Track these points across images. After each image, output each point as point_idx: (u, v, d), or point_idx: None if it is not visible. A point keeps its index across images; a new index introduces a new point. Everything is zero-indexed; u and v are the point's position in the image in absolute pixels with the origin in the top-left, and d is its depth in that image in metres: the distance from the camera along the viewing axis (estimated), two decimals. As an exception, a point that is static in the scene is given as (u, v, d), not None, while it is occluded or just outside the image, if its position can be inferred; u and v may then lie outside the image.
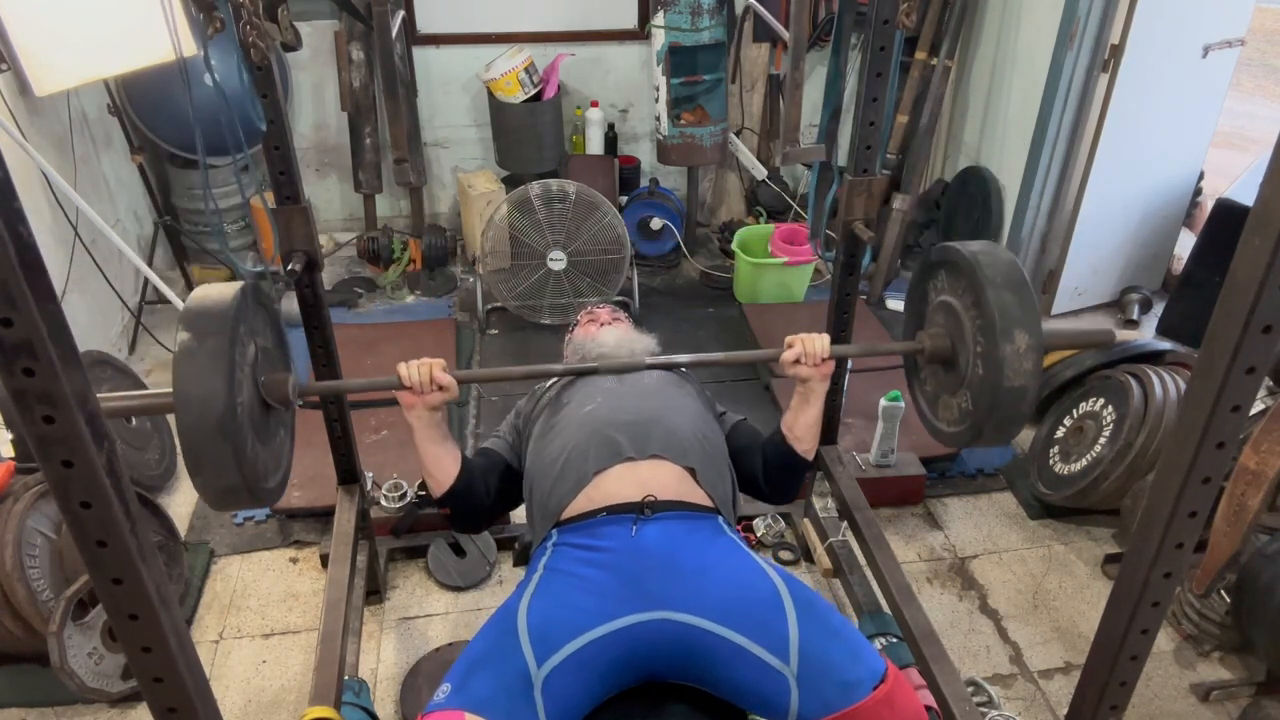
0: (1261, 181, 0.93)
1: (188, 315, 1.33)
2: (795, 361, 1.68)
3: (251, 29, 1.66)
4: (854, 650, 1.40)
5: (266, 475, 1.45)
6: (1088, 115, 3.45)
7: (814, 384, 1.71)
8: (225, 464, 1.29)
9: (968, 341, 1.60)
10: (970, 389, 1.61)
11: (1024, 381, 1.48)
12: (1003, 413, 1.52)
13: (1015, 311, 1.49)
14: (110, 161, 3.60)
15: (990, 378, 1.52)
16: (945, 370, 1.71)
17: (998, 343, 1.48)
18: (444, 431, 1.69)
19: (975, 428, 1.60)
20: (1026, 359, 1.47)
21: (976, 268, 1.55)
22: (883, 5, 1.90)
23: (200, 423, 1.26)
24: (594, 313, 2.15)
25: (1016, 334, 1.47)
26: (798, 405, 1.75)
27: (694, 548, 1.48)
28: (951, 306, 1.65)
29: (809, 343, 1.67)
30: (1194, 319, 3.47)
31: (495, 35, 4.07)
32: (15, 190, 0.75)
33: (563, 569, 1.48)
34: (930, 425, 1.80)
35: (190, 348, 1.29)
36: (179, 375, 1.28)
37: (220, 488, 1.32)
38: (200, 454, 1.27)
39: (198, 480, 1.31)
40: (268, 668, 2.29)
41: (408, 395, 1.62)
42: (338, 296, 3.91)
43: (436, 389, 1.61)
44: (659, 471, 1.58)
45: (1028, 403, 1.51)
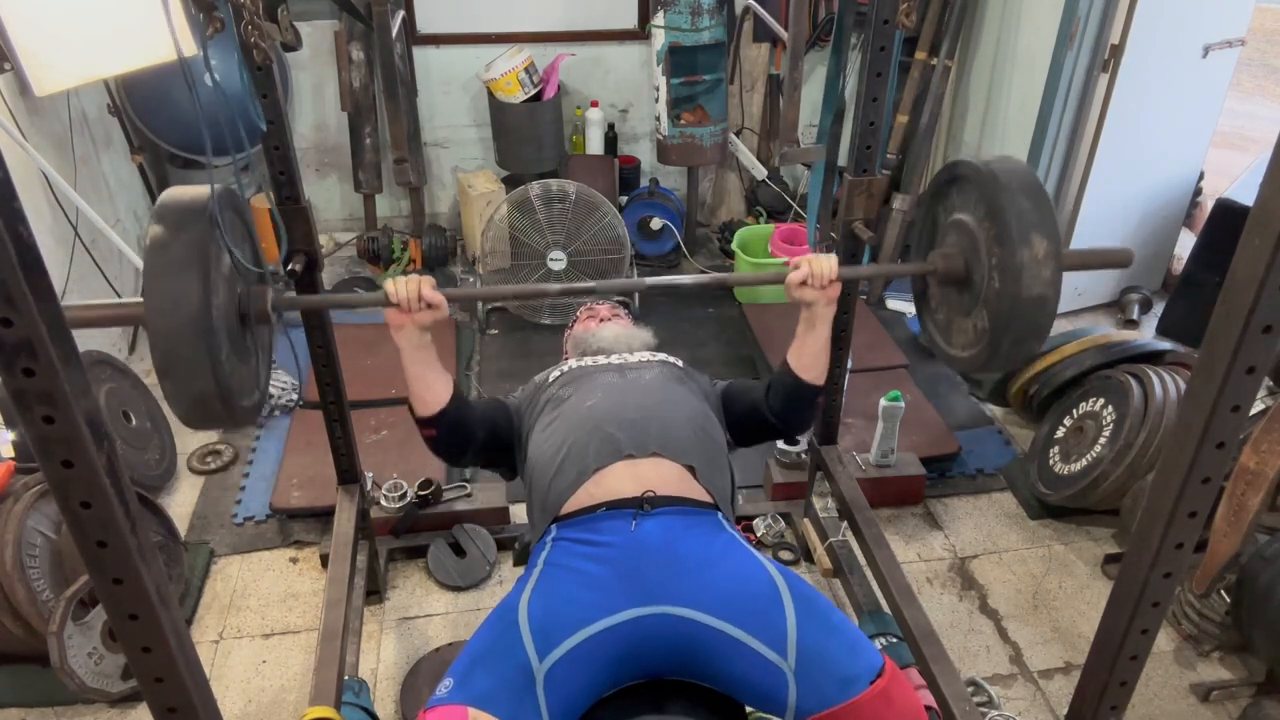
0: (1261, 182, 0.93)
1: (160, 210, 1.26)
2: (802, 283, 1.63)
3: (251, 29, 1.66)
4: (852, 645, 1.40)
5: (242, 391, 1.38)
6: (1088, 115, 3.45)
7: (819, 308, 1.66)
8: (199, 367, 1.21)
9: (982, 256, 1.52)
10: (987, 305, 1.53)
11: (1043, 290, 1.40)
12: (1022, 325, 1.44)
13: (1033, 216, 1.41)
14: (110, 161, 3.60)
15: (1008, 288, 1.44)
16: (958, 291, 1.63)
17: (1015, 249, 1.40)
18: (434, 353, 1.65)
19: (993, 345, 1.51)
20: (1045, 265, 1.39)
21: (991, 176, 1.48)
22: (883, 5, 1.90)
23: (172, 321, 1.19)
24: (593, 309, 2.15)
25: (1034, 239, 1.40)
26: (803, 331, 1.70)
27: (694, 542, 1.48)
28: (964, 224, 1.58)
29: (816, 263, 1.62)
30: (1194, 319, 3.47)
31: (495, 35, 4.07)
32: (15, 190, 0.75)
33: (563, 564, 1.49)
34: (943, 353, 1.71)
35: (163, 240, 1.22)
36: (150, 269, 1.21)
37: (193, 393, 1.24)
38: (172, 355, 1.20)
39: (168, 385, 1.23)
40: (268, 668, 2.29)
41: (395, 313, 1.57)
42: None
43: (425, 306, 1.57)
44: (659, 469, 1.58)
45: (1048, 313, 1.43)
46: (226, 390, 1.27)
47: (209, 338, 1.21)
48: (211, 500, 2.82)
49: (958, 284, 1.62)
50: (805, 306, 1.68)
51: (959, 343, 1.66)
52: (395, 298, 1.55)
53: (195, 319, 1.20)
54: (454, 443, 1.75)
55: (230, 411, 1.31)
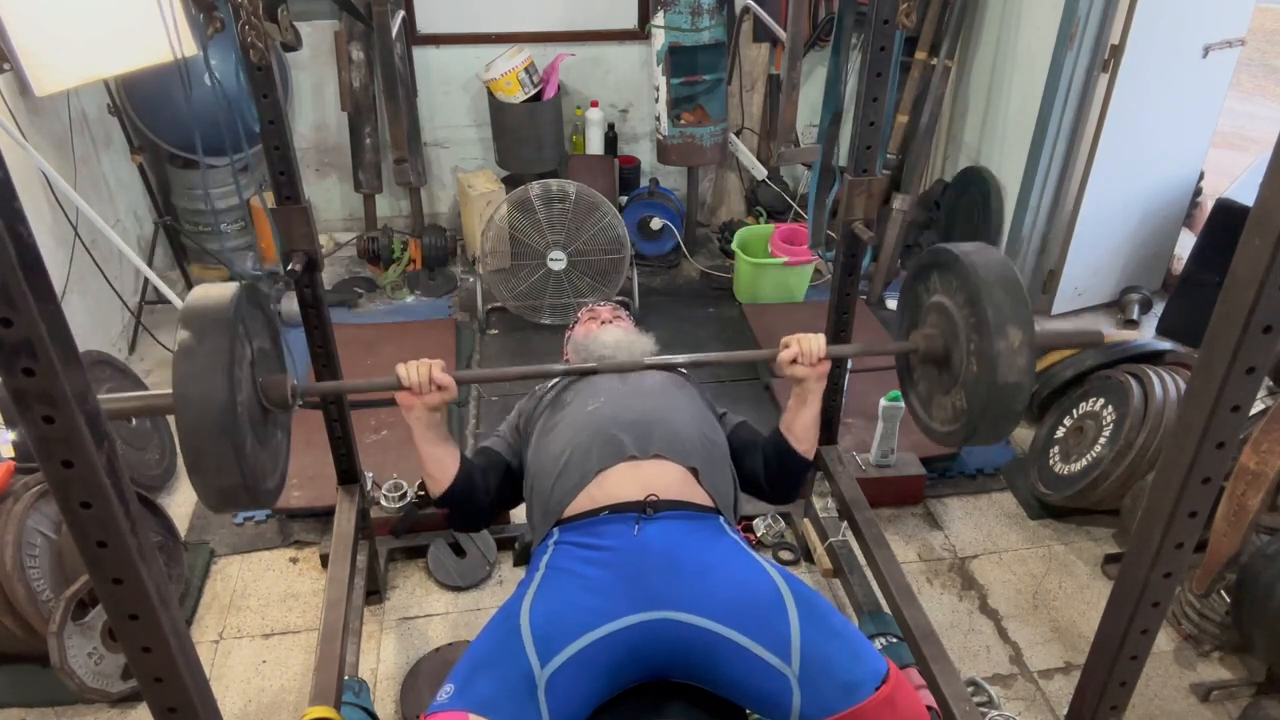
0: (1261, 182, 0.93)
1: (187, 315, 1.33)
2: (792, 361, 1.68)
3: (251, 29, 1.66)
4: (855, 651, 1.39)
5: (265, 476, 1.45)
6: (1088, 115, 3.45)
7: (810, 384, 1.71)
8: (225, 463, 1.29)
9: (961, 340, 1.60)
10: (964, 387, 1.61)
11: (1018, 378, 1.48)
12: (997, 410, 1.53)
13: (1008, 309, 1.49)
14: (110, 161, 3.60)
15: (984, 375, 1.52)
16: (939, 370, 1.71)
17: (991, 340, 1.48)
18: (443, 432, 1.69)
19: (970, 425, 1.60)
20: (1020, 355, 1.48)
21: (969, 267, 1.55)
22: (883, 5, 1.90)
23: (200, 421, 1.26)
24: (595, 310, 2.15)
25: (1010, 330, 1.48)
26: (795, 406, 1.75)
27: (696, 547, 1.48)
28: (944, 307, 1.66)
29: (805, 342, 1.67)
30: (1194, 319, 3.47)
31: (495, 35, 4.07)
32: (15, 190, 0.75)
33: (565, 568, 1.48)
34: (924, 426, 1.80)
35: (190, 347, 1.29)
36: (179, 374, 1.28)
37: (219, 487, 1.32)
38: (200, 453, 1.27)
39: (196, 480, 1.31)
40: (268, 668, 2.29)
41: (406, 396, 1.62)
42: (338, 296, 3.91)
43: (435, 389, 1.60)
44: (661, 471, 1.59)
45: (1021, 400, 1.51)
46: (251, 479, 1.34)
47: (234, 435, 1.28)
48: (211, 500, 2.82)
49: (938, 364, 1.70)
50: (796, 383, 1.72)
51: (939, 418, 1.75)
52: (407, 381, 1.60)
53: (221, 418, 1.27)
54: (468, 516, 1.82)
55: (254, 497, 1.37)
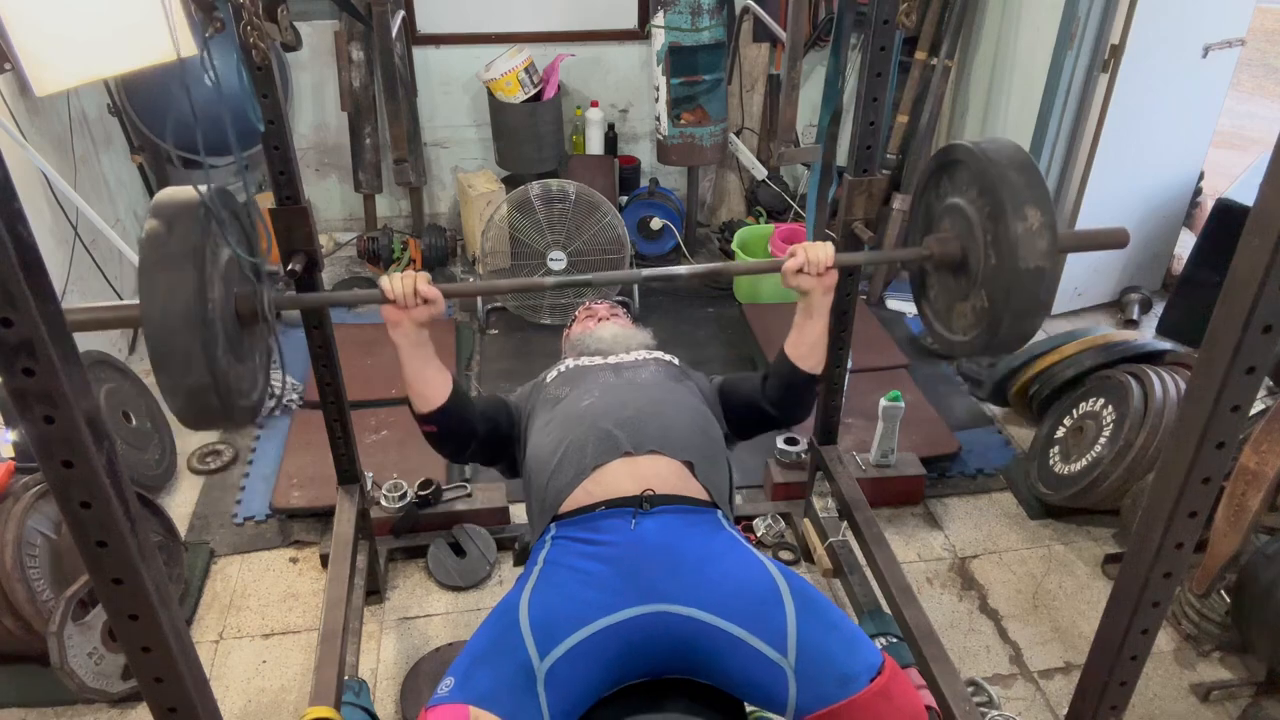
0: (1261, 181, 0.93)
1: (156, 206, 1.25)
2: (798, 271, 1.64)
3: (251, 29, 1.66)
4: (851, 643, 1.40)
5: (240, 391, 1.37)
6: (1088, 115, 3.45)
7: (816, 296, 1.67)
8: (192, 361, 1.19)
9: (977, 235, 1.52)
10: (984, 285, 1.53)
11: (1040, 261, 1.40)
12: (1021, 298, 1.43)
13: (1024, 190, 1.42)
14: (110, 161, 3.60)
15: (1005, 262, 1.43)
16: (955, 275, 1.62)
17: (1009, 223, 1.40)
18: (431, 350, 1.65)
19: (993, 323, 1.50)
20: (1041, 237, 1.39)
21: (980, 155, 1.48)
22: (882, 5, 1.90)
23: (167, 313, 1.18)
24: (592, 308, 2.15)
25: (1028, 211, 1.40)
26: (800, 320, 1.71)
27: (693, 541, 1.49)
28: (958, 207, 1.57)
29: (812, 250, 1.63)
30: (1194, 319, 3.47)
31: (495, 35, 4.07)
32: (15, 190, 0.75)
33: (563, 562, 1.49)
34: (944, 339, 1.70)
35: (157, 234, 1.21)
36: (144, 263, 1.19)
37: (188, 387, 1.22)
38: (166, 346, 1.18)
39: (163, 378, 1.21)
40: (268, 668, 2.29)
41: (393, 310, 1.57)
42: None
43: (421, 302, 1.56)
44: (657, 466, 1.59)
45: (1046, 287, 1.42)
46: (223, 386, 1.26)
47: (203, 330, 1.20)
48: (211, 500, 2.82)
49: (954, 268, 1.61)
50: (802, 295, 1.68)
51: (959, 327, 1.65)
52: (392, 294, 1.55)
53: (189, 311, 1.19)
54: (455, 439, 1.75)
55: (227, 408, 1.29)
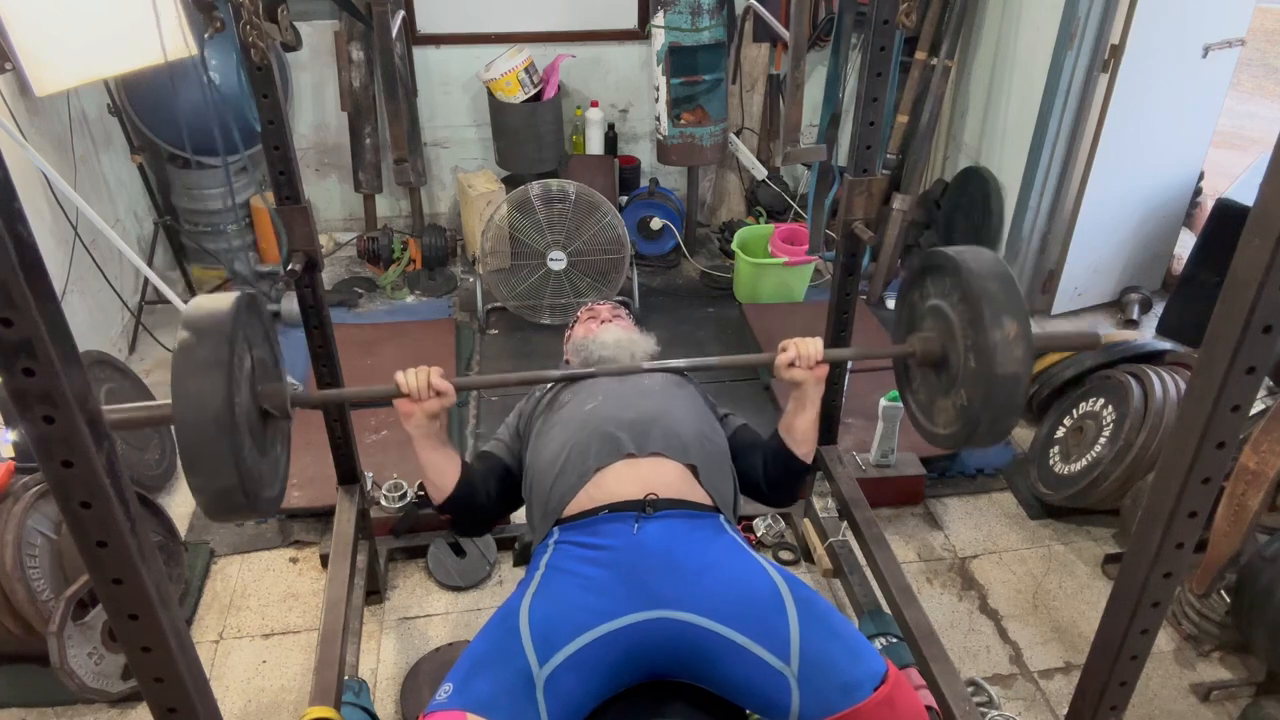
0: (1261, 181, 0.93)
1: (187, 322, 1.33)
2: (790, 365, 1.68)
3: (251, 29, 1.66)
4: (855, 651, 1.39)
5: (264, 485, 1.44)
6: (1088, 115, 3.45)
7: (809, 387, 1.71)
8: (222, 464, 1.28)
9: (957, 339, 1.61)
10: (964, 385, 1.61)
11: (1016, 368, 1.48)
12: (998, 403, 1.52)
13: (1001, 300, 1.50)
14: (110, 161, 3.60)
15: (982, 368, 1.52)
16: (937, 373, 1.71)
17: (986, 331, 1.49)
18: (443, 438, 1.69)
19: (971, 423, 1.60)
20: (1016, 345, 1.48)
21: (961, 265, 1.56)
22: (883, 5, 1.90)
23: (198, 422, 1.25)
24: (594, 310, 2.15)
25: (1005, 320, 1.49)
26: (794, 409, 1.75)
27: (696, 546, 1.48)
28: (940, 309, 1.66)
29: (803, 346, 1.67)
30: (1194, 319, 3.47)
31: (495, 35, 4.07)
32: (15, 190, 0.75)
33: (564, 567, 1.48)
34: (926, 432, 1.79)
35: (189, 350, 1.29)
36: (178, 376, 1.28)
37: (217, 489, 1.31)
38: (197, 453, 1.27)
39: (194, 481, 1.30)
40: (268, 668, 2.29)
41: (406, 403, 1.61)
42: (338, 296, 3.91)
43: (434, 395, 1.59)
44: (660, 469, 1.58)
45: (1020, 392, 1.51)
46: (249, 482, 1.33)
47: (231, 434, 1.27)
48: (211, 500, 2.82)
49: (936, 365, 1.69)
50: (795, 387, 1.72)
51: (941, 421, 1.74)
52: (406, 388, 1.59)
53: (219, 417, 1.26)
54: (471, 521, 1.83)
55: (252, 503, 1.36)
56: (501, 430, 1.95)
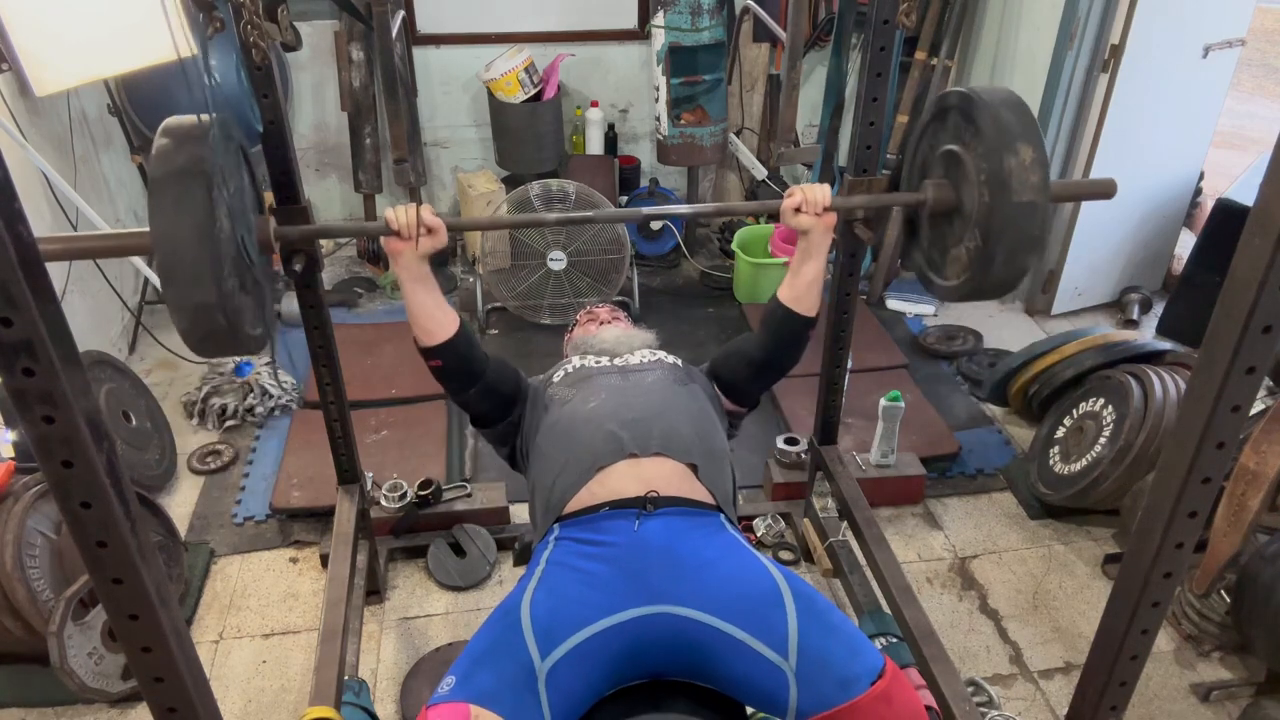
0: (1261, 182, 0.93)
1: (166, 126, 1.27)
2: (796, 210, 1.68)
3: (251, 29, 1.66)
4: (853, 647, 1.40)
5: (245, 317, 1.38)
6: (1088, 115, 3.45)
7: (815, 235, 1.71)
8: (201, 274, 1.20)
9: (971, 176, 1.55)
10: (978, 224, 1.55)
11: (1033, 196, 1.43)
12: (1014, 234, 1.46)
13: (1017, 127, 1.45)
14: (110, 161, 3.60)
15: (998, 197, 1.46)
16: (950, 219, 1.64)
17: (1002, 159, 1.44)
18: (435, 285, 1.68)
19: (986, 261, 1.52)
20: (1033, 172, 1.43)
21: (974, 98, 1.52)
22: (882, 5, 1.90)
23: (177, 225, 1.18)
24: (593, 312, 2.15)
25: (1020, 147, 1.44)
26: (797, 262, 1.74)
27: (696, 543, 1.49)
28: (953, 152, 1.60)
29: (810, 191, 1.68)
30: (1194, 319, 3.47)
31: (495, 35, 4.07)
32: (15, 190, 0.75)
33: (565, 563, 1.49)
34: (936, 286, 1.72)
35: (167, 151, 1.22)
36: (155, 176, 1.20)
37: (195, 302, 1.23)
38: (175, 259, 1.19)
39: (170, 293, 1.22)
40: (268, 668, 2.29)
41: (395, 241, 1.60)
42: (338, 296, 3.91)
43: (425, 232, 1.59)
44: (661, 468, 1.59)
45: (1037, 222, 1.45)
46: (229, 306, 1.27)
47: (212, 246, 1.21)
48: (211, 500, 2.82)
49: (949, 212, 1.64)
50: (801, 235, 1.72)
51: (952, 272, 1.67)
52: (395, 224, 1.59)
53: (199, 226, 1.20)
54: (461, 376, 1.76)
55: (234, 330, 1.30)
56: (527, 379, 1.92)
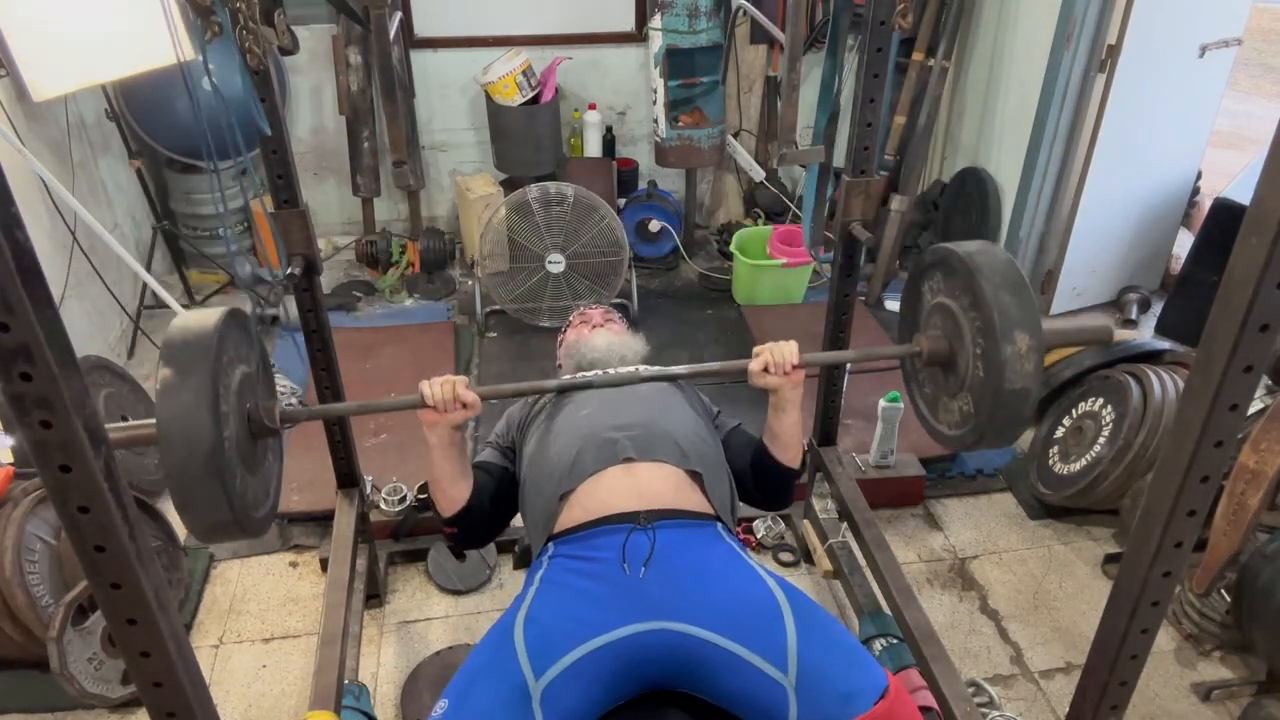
0: (1258, 180, 0.93)
1: (168, 349, 1.28)
2: (763, 370, 1.64)
3: (248, 33, 1.66)
4: (854, 661, 1.38)
5: (256, 506, 1.42)
6: (1085, 115, 3.45)
7: (786, 392, 1.67)
8: (215, 501, 1.25)
9: (966, 344, 1.58)
10: (971, 392, 1.59)
11: (1026, 383, 1.46)
12: (1005, 416, 1.50)
13: (1015, 312, 1.47)
14: (108, 166, 3.60)
15: (991, 381, 1.50)
16: (944, 373, 1.69)
17: (998, 344, 1.46)
18: (463, 449, 1.68)
19: (977, 431, 1.58)
20: (1028, 360, 1.45)
21: (974, 269, 1.53)
22: (879, 6, 1.90)
23: (187, 461, 1.22)
24: (586, 314, 2.13)
25: (1017, 335, 1.45)
26: (772, 417, 1.71)
27: (692, 556, 1.47)
28: (948, 308, 1.63)
29: (776, 351, 1.63)
30: (1192, 318, 3.47)
31: (493, 39, 4.08)
32: (12, 196, 0.75)
33: (559, 581, 1.47)
34: (931, 429, 1.78)
35: (173, 383, 1.25)
36: (163, 412, 1.23)
37: (209, 523, 1.29)
38: (188, 492, 1.24)
39: (186, 517, 1.28)
40: (267, 672, 2.29)
41: (430, 414, 1.58)
42: (336, 300, 3.91)
43: (460, 406, 1.57)
44: (656, 476, 1.57)
45: (1030, 405, 1.49)
46: (241, 513, 1.31)
47: (223, 473, 1.24)
48: (211, 505, 2.81)
49: (943, 366, 1.67)
50: (772, 393, 1.68)
51: (945, 421, 1.72)
52: (431, 400, 1.56)
53: (208, 461, 1.23)
54: (475, 537, 1.84)
55: (245, 529, 1.34)
56: (492, 437, 1.94)
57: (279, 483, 1.59)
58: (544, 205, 3.56)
